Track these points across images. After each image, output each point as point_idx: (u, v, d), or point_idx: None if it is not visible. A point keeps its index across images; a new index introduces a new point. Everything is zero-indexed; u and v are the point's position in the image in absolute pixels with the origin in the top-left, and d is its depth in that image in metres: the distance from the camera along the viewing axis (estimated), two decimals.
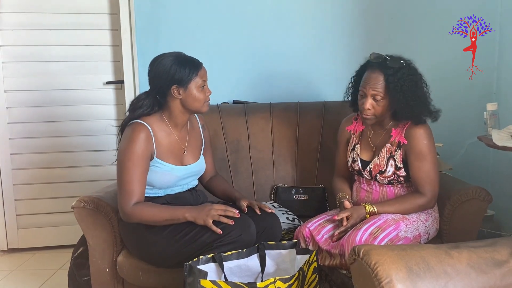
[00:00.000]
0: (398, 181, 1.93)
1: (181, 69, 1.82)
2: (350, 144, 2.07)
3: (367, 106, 1.86)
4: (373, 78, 1.85)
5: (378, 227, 1.78)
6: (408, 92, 1.83)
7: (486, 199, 1.94)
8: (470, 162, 2.76)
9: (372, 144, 1.99)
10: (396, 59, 1.86)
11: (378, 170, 1.94)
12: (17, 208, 2.95)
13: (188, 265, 1.58)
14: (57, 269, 2.72)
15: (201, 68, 1.87)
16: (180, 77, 1.82)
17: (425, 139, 1.87)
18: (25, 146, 2.92)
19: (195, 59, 1.88)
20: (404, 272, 1.14)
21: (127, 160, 1.78)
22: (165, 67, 1.83)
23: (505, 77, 2.69)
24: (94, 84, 2.92)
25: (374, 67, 1.87)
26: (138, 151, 1.78)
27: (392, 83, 1.82)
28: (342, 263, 1.75)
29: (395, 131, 1.93)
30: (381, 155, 1.94)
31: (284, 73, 2.83)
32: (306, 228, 1.90)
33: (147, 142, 1.81)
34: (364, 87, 1.87)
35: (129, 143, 1.79)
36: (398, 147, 1.91)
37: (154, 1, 2.78)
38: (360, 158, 2.01)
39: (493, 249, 1.24)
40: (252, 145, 2.49)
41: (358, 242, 1.71)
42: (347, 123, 2.12)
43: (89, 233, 1.97)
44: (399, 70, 1.83)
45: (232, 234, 1.69)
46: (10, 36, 2.84)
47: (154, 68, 1.86)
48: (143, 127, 1.82)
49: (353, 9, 2.79)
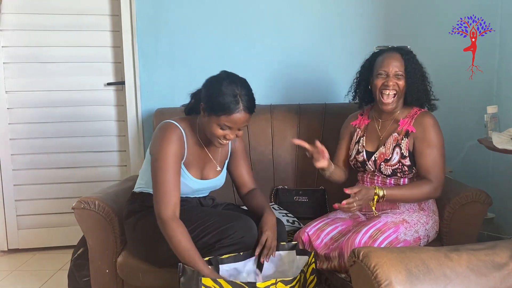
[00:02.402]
0: (402, 170, 1.93)
1: (219, 99, 1.67)
2: (355, 138, 2.10)
3: (391, 82, 1.92)
4: (392, 57, 1.95)
5: (377, 229, 1.78)
6: (418, 74, 1.95)
7: (486, 202, 1.94)
8: (470, 165, 2.76)
9: (380, 133, 2.02)
10: (405, 46, 2.00)
11: (383, 158, 1.95)
12: (18, 209, 2.96)
13: (182, 265, 1.59)
14: (57, 269, 2.72)
15: (236, 114, 1.67)
16: (211, 103, 1.69)
17: (434, 127, 1.94)
18: (26, 147, 2.92)
19: (242, 102, 1.67)
20: (403, 275, 1.14)
21: (162, 161, 1.70)
22: (213, 82, 1.73)
23: (505, 79, 2.69)
24: (95, 85, 2.92)
25: (390, 50, 1.99)
26: (171, 152, 1.71)
27: (409, 62, 1.94)
28: (340, 265, 1.75)
29: (403, 121, 1.98)
30: (387, 144, 1.97)
31: (285, 75, 2.83)
32: (305, 233, 1.90)
33: (179, 143, 1.75)
34: (385, 68, 1.94)
35: (163, 143, 1.72)
36: (406, 136, 1.94)
37: (156, 3, 2.79)
38: (365, 150, 2.03)
39: (493, 252, 1.24)
40: (253, 147, 2.50)
41: (357, 244, 1.71)
42: (352, 119, 2.16)
43: (89, 234, 1.97)
44: (410, 53, 1.97)
45: (234, 236, 1.68)
46: (12, 37, 2.84)
47: (212, 77, 1.76)
48: (176, 129, 1.77)
49: (353, 10, 2.79)
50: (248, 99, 1.71)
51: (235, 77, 1.74)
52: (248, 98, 1.71)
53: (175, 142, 1.74)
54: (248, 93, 1.72)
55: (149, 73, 2.80)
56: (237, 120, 1.68)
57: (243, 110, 1.68)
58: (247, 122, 1.73)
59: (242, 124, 1.72)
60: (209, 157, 1.90)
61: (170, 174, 1.70)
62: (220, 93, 1.67)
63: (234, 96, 1.67)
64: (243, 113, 1.68)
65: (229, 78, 1.72)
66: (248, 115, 1.71)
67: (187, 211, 1.79)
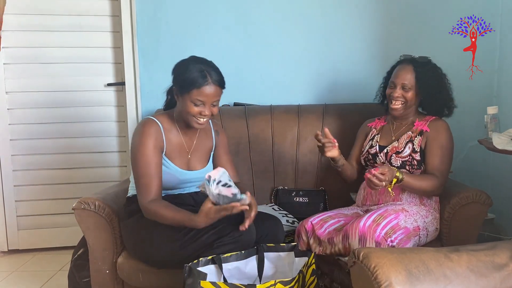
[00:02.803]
0: (411, 164, 2.01)
1: (188, 76, 1.77)
2: (369, 136, 2.19)
3: (396, 94, 2.04)
4: (403, 69, 2.06)
5: (379, 215, 1.84)
6: (433, 85, 2.04)
7: (486, 203, 1.95)
8: (471, 166, 2.76)
9: (394, 135, 2.11)
10: (424, 57, 2.10)
11: (395, 151, 2.04)
12: (18, 209, 2.96)
13: (188, 267, 1.58)
14: (57, 270, 2.71)
15: (205, 87, 1.76)
16: (182, 81, 1.80)
17: (448, 132, 2.04)
18: (26, 148, 2.92)
19: (210, 76, 1.77)
20: (403, 275, 1.14)
21: (140, 154, 1.79)
22: (180, 65, 1.84)
23: (505, 80, 2.69)
24: (95, 85, 2.92)
25: (404, 62, 2.09)
26: (149, 145, 1.80)
27: (421, 74, 2.03)
28: (345, 247, 1.79)
29: (418, 123, 2.08)
30: (400, 140, 2.08)
31: (285, 76, 2.83)
32: (308, 222, 1.95)
33: (157, 136, 1.83)
34: (394, 79, 2.07)
35: (140, 138, 1.81)
36: (420, 134, 2.04)
37: (156, 3, 2.79)
38: (378, 144, 2.12)
39: (493, 253, 1.24)
40: (253, 147, 2.50)
41: (362, 227, 1.75)
42: (369, 121, 2.28)
43: (89, 234, 1.97)
44: (426, 65, 2.07)
45: (232, 234, 1.69)
46: (12, 38, 2.84)
47: (179, 61, 1.86)
48: (153, 123, 1.85)
49: (352, 10, 2.79)
50: (216, 73, 1.80)
51: (200, 58, 1.84)
52: (215, 73, 1.80)
53: (153, 134, 1.81)
54: (215, 69, 1.81)
55: (149, 73, 2.80)
56: (208, 93, 1.76)
57: (212, 83, 1.77)
58: (218, 96, 1.81)
59: (214, 98, 1.79)
60: (193, 148, 1.94)
61: (150, 167, 1.78)
62: (187, 70, 1.77)
63: (201, 71, 1.77)
64: (213, 86, 1.77)
65: (195, 59, 1.83)
66: (218, 88, 1.79)
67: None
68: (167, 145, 1.86)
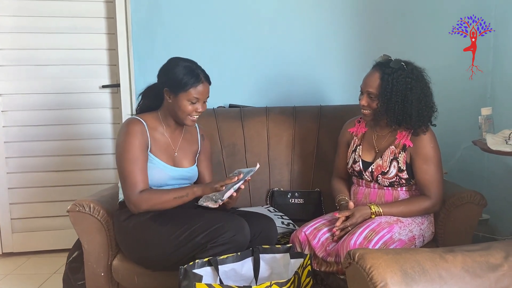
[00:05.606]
0: (399, 183, 1.94)
1: (183, 75, 1.84)
2: (352, 146, 2.09)
3: (362, 102, 1.93)
4: (370, 76, 1.93)
5: (372, 230, 1.78)
6: (398, 94, 1.85)
7: (481, 203, 1.95)
8: (465, 166, 2.77)
9: (376, 146, 2.01)
10: (398, 61, 1.89)
11: (381, 171, 1.94)
12: (12, 212, 2.94)
13: (183, 269, 1.58)
14: (52, 273, 2.70)
15: (200, 85, 1.86)
16: (175, 82, 1.85)
17: (431, 143, 1.91)
18: (20, 150, 2.91)
19: (201, 74, 1.88)
20: (399, 276, 1.14)
21: (126, 152, 1.83)
22: (170, 68, 1.89)
23: (499, 81, 2.70)
24: (90, 87, 2.91)
25: (374, 67, 1.95)
26: (135, 142, 1.83)
27: (385, 81, 1.87)
28: (339, 269, 1.75)
29: (400, 134, 1.95)
30: (384, 157, 1.95)
31: (280, 77, 2.83)
32: (302, 232, 1.90)
33: (142, 134, 1.86)
34: (362, 84, 1.96)
35: (125, 136, 1.84)
36: (403, 150, 1.93)
37: (151, 5, 2.79)
38: (361, 159, 2.02)
39: (488, 253, 1.25)
40: (248, 149, 2.50)
41: (352, 246, 1.71)
42: (349, 125, 2.15)
43: (84, 237, 1.96)
44: (396, 71, 1.86)
45: (225, 235, 1.69)
46: (6, 39, 2.83)
47: (164, 65, 1.93)
48: (137, 121, 1.88)
49: (351, 10, 2.80)
50: (203, 71, 1.91)
51: (183, 58, 1.93)
52: (202, 71, 1.91)
53: (138, 132, 1.85)
54: (200, 67, 1.92)
55: (144, 75, 2.79)
56: (203, 90, 1.88)
57: (205, 80, 1.89)
58: (209, 92, 1.92)
59: (207, 95, 1.91)
60: (179, 147, 1.98)
61: (136, 163, 1.82)
62: (180, 72, 1.85)
63: (193, 70, 1.87)
64: (206, 83, 1.89)
65: (180, 60, 1.91)
66: (208, 85, 1.91)
67: (177, 212, 1.81)
68: (152, 143, 1.89)
